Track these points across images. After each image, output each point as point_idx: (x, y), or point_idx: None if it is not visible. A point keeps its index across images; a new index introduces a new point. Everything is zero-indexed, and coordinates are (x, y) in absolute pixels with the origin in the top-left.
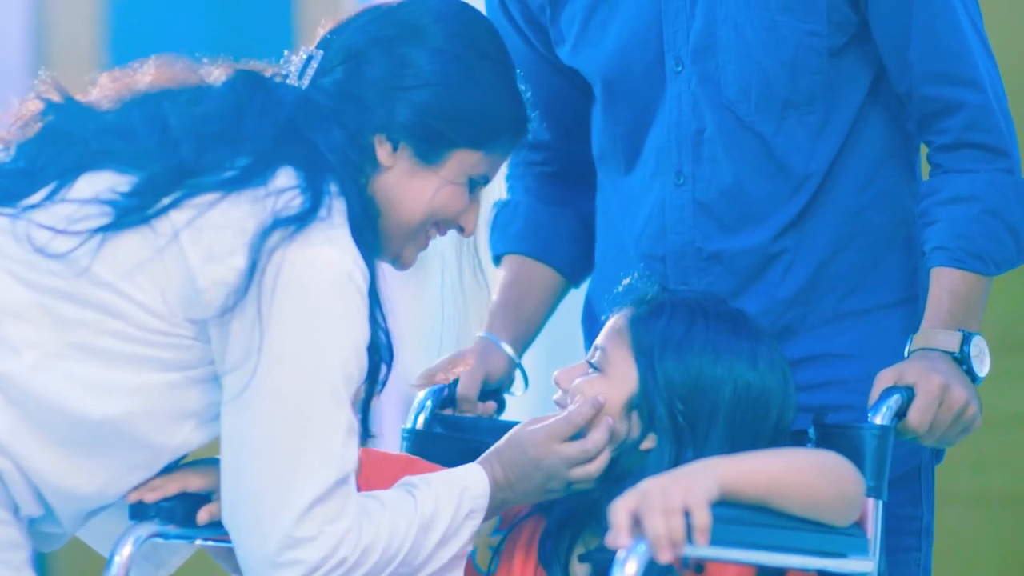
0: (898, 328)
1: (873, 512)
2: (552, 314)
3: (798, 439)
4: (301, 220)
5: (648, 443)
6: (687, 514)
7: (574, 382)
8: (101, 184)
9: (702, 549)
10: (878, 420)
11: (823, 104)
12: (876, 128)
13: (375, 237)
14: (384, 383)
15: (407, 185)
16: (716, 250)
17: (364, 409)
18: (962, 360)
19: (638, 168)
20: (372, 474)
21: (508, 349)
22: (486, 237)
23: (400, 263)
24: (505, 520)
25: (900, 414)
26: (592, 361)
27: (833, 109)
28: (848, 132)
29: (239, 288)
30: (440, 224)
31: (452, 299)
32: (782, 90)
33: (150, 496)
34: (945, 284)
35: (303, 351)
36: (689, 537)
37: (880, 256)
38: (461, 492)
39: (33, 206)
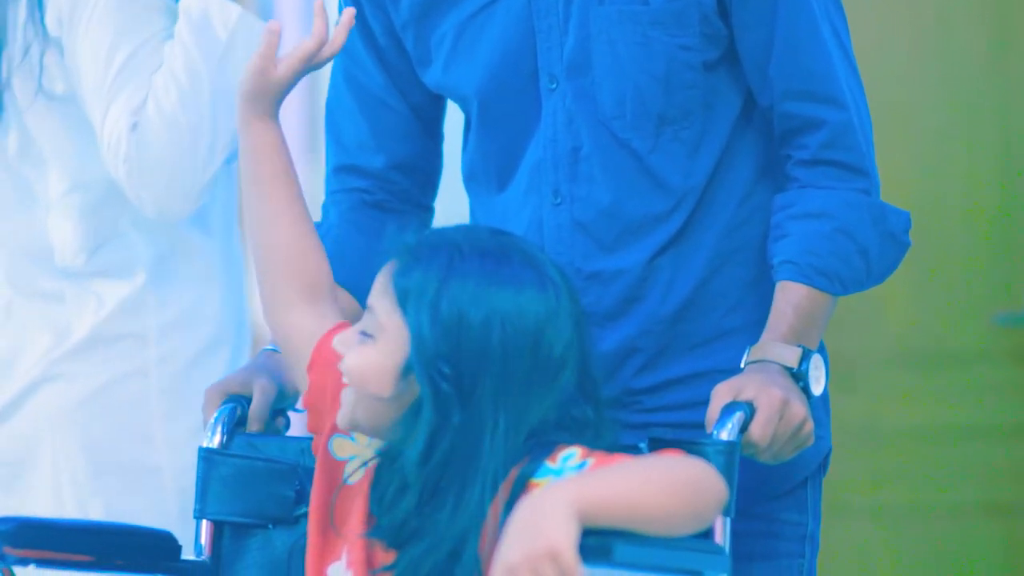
0: None
1: (722, 529)
2: None
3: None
4: None
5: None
6: None
7: (343, 360)
8: None
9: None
10: (724, 435)
11: (699, 119)
12: (751, 143)
13: None
14: None
15: None
16: (595, 270)
17: None
18: (799, 377)
19: (511, 186)
20: None
21: None
22: None
23: None
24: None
25: (742, 429)
26: (363, 329)
27: (709, 124)
28: (725, 147)
29: None
30: None
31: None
32: (656, 106)
33: None
34: (790, 298)
35: None
36: None
37: (760, 271)
38: None
39: None
